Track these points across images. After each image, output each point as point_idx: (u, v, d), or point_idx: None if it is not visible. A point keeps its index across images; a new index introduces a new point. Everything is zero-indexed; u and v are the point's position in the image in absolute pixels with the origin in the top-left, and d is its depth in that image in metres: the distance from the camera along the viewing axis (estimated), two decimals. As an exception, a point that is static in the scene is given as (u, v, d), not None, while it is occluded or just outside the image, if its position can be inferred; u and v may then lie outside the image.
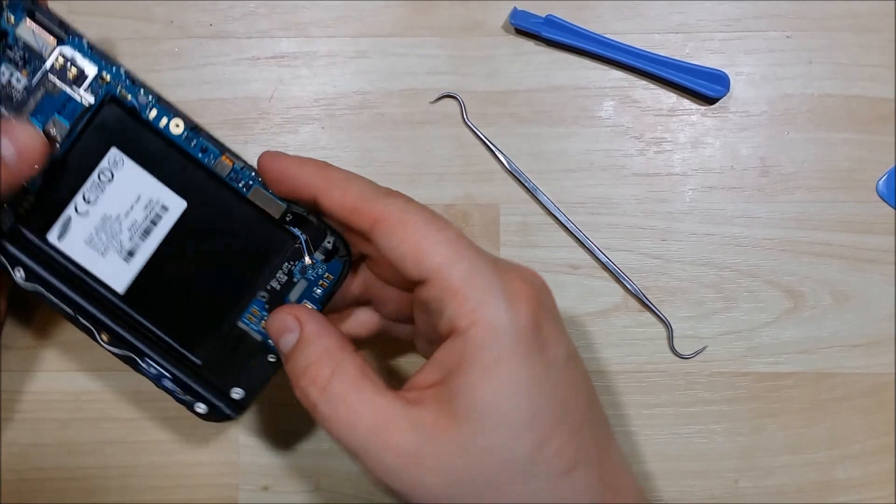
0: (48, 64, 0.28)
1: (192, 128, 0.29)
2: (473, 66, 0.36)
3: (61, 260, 0.30)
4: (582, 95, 0.36)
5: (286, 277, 0.30)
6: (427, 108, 0.36)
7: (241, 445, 0.35)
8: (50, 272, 0.30)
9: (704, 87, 0.35)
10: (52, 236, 0.29)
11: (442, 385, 0.25)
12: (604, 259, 0.35)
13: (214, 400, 0.30)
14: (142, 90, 0.29)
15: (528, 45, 0.36)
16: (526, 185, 0.36)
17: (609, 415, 0.35)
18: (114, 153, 0.29)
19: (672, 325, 0.35)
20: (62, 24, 0.28)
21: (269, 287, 0.30)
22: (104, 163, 0.29)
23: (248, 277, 0.30)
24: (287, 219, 0.30)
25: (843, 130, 0.36)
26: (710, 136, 0.36)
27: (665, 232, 0.36)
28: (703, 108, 0.36)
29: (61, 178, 0.29)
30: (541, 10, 0.36)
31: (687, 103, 0.36)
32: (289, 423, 0.36)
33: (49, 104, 0.29)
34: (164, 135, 0.29)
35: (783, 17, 0.36)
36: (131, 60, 0.36)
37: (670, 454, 0.35)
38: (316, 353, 0.27)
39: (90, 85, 0.29)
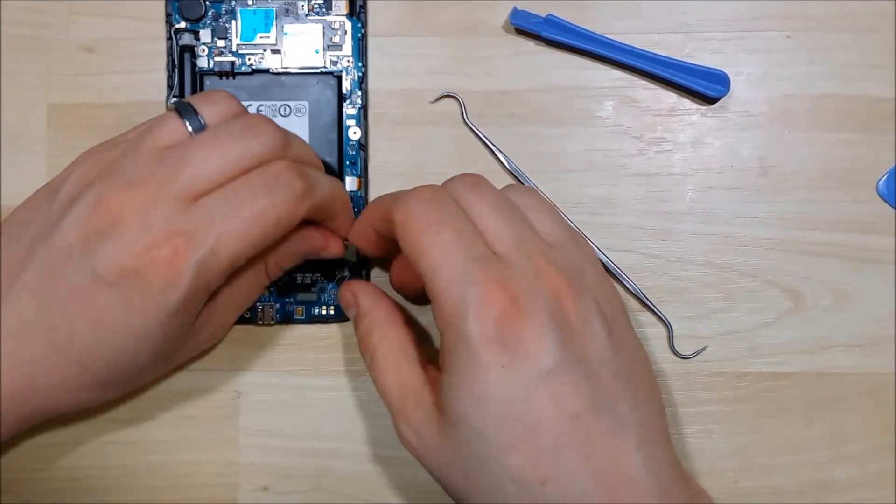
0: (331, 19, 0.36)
1: (361, 146, 0.35)
2: (473, 66, 0.36)
3: None
4: (582, 95, 0.36)
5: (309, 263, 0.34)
6: (427, 108, 0.36)
7: (241, 445, 0.35)
8: None
9: (704, 87, 0.35)
10: None
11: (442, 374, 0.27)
12: (604, 259, 0.35)
13: None
14: (362, 93, 0.35)
15: (528, 44, 0.36)
16: (526, 185, 0.36)
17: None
18: (304, 104, 0.35)
19: (672, 325, 0.35)
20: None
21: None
22: (293, 103, 0.35)
23: None
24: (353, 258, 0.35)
25: (843, 130, 0.36)
26: (710, 135, 0.36)
27: (665, 232, 0.36)
28: (702, 107, 0.36)
29: (267, 86, 0.36)
30: (541, 10, 0.36)
31: (687, 103, 0.36)
32: (289, 423, 0.36)
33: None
34: (340, 128, 0.35)
35: (783, 17, 0.36)
36: (131, 60, 0.36)
37: (670, 454, 0.35)
38: (366, 326, 0.31)
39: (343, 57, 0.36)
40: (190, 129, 0.29)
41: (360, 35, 0.36)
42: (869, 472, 0.35)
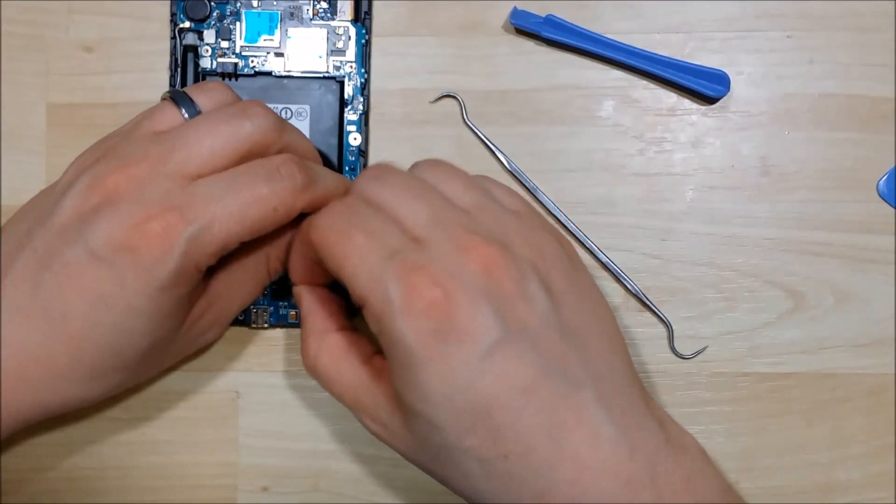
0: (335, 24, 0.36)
1: (361, 152, 0.35)
2: (473, 66, 0.36)
3: None
4: (582, 95, 0.36)
5: None
6: (427, 108, 0.36)
7: (240, 446, 0.35)
8: None
9: (705, 87, 0.35)
10: None
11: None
12: (604, 259, 0.35)
13: None
14: (364, 99, 0.35)
15: (528, 44, 0.36)
16: (526, 184, 0.36)
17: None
18: (305, 108, 0.35)
19: (672, 325, 0.35)
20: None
21: None
22: (295, 107, 0.35)
23: None
24: None
25: (843, 130, 0.36)
26: (711, 135, 0.36)
27: (665, 232, 0.36)
28: (703, 107, 0.36)
29: (269, 88, 0.36)
30: (541, 10, 0.36)
31: (687, 103, 0.36)
32: (288, 424, 0.35)
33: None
34: (340, 133, 0.35)
35: (784, 16, 0.36)
36: (131, 60, 0.36)
37: (671, 455, 0.35)
38: (306, 330, 0.31)
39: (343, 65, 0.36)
40: (185, 115, 0.29)
41: (363, 41, 0.36)
42: (870, 473, 0.35)
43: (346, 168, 0.36)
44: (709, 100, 0.36)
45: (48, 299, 0.27)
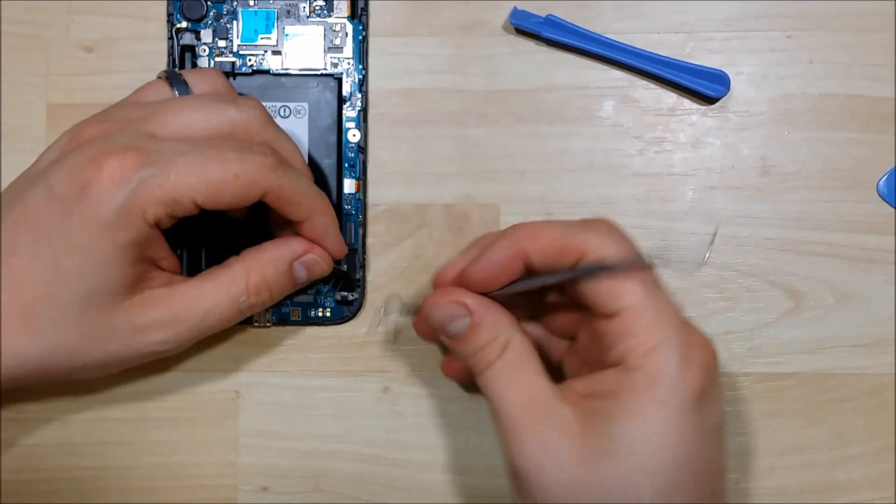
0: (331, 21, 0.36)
1: (360, 149, 0.35)
2: (473, 66, 0.36)
3: None
4: (582, 95, 0.36)
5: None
6: (427, 108, 0.36)
7: (240, 446, 0.35)
8: None
9: (705, 87, 0.35)
10: None
11: (590, 399, 0.27)
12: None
13: None
14: (362, 96, 0.35)
15: (529, 44, 0.36)
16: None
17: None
18: (303, 106, 0.35)
19: (672, 325, 0.35)
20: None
21: None
22: (293, 105, 0.35)
23: None
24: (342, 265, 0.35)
25: (844, 130, 0.36)
26: (711, 135, 0.36)
27: (665, 232, 0.36)
28: (703, 107, 0.36)
29: (267, 87, 0.35)
30: (541, 10, 0.36)
31: (687, 103, 0.36)
32: (288, 424, 0.35)
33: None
34: (339, 130, 0.35)
35: (784, 16, 0.36)
36: (131, 60, 0.36)
37: (671, 455, 0.35)
38: (490, 333, 0.28)
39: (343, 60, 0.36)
40: (176, 94, 0.31)
41: (360, 38, 0.36)
42: (870, 472, 0.35)
43: (346, 165, 0.35)
44: (709, 100, 0.36)
45: (5, 240, 0.28)
